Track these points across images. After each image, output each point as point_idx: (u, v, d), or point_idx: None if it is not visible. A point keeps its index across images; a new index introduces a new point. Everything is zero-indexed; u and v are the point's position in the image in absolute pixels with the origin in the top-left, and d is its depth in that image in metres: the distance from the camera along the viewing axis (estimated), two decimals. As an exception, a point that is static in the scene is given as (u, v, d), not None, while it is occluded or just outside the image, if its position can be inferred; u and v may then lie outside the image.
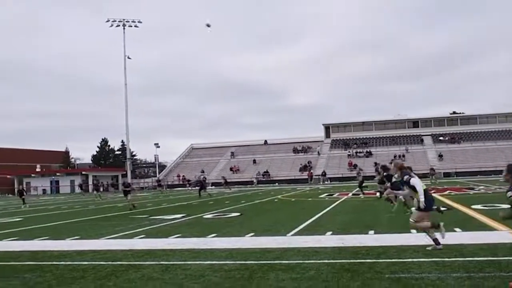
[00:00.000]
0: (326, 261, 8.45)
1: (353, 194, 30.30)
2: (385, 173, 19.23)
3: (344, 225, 13.85)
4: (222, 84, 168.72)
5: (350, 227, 13.29)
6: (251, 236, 12.47)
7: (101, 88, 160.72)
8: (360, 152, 77.31)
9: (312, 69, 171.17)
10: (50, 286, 7.45)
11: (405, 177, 9.44)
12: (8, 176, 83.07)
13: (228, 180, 54.91)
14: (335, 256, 8.94)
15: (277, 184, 63.58)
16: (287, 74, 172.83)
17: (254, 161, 79.75)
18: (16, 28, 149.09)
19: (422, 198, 9.11)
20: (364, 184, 28.24)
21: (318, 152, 79.93)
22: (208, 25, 37.84)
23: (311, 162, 74.27)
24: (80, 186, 60.73)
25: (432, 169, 53.82)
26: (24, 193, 38.08)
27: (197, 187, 55.04)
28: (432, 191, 30.77)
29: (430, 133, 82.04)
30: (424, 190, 9.16)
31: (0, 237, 14.70)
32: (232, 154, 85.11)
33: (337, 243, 10.45)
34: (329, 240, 11.16)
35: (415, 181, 9.27)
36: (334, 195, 30.21)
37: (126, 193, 26.39)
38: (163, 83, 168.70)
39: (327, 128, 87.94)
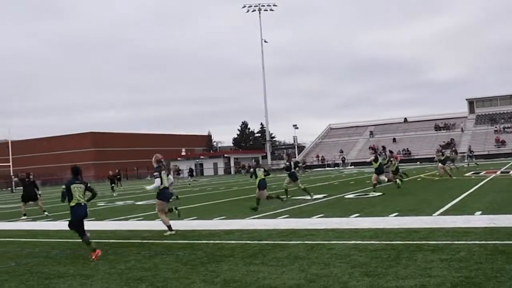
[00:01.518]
0: (477, 242, 8.07)
1: (501, 172, 28.65)
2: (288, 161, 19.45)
3: (495, 205, 13.14)
4: (359, 61, 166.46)
5: (501, 207, 12.59)
6: (395, 216, 12.24)
7: (240, 72, 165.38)
8: (508, 128, 72.69)
9: (453, 41, 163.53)
10: (202, 263, 7.82)
11: (155, 173, 11.32)
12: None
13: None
14: (487, 237, 8.50)
15: (418, 162, 61.55)
16: (426, 47, 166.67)
17: (394, 140, 77.93)
18: (162, 19, 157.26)
19: (149, 187, 11.79)
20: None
21: (462, 129, 76.34)
22: None
23: (454, 140, 71.05)
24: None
25: None
26: (116, 179, 32.84)
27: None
28: None
29: None
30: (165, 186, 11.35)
31: (153, 217, 15.64)
32: (371, 133, 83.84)
33: (488, 224, 9.95)
34: (479, 220, 10.65)
35: (156, 180, 11.20)
36: (481, 174, 28.76)
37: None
38: (300, 64, 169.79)
39: (471, 103, 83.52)
